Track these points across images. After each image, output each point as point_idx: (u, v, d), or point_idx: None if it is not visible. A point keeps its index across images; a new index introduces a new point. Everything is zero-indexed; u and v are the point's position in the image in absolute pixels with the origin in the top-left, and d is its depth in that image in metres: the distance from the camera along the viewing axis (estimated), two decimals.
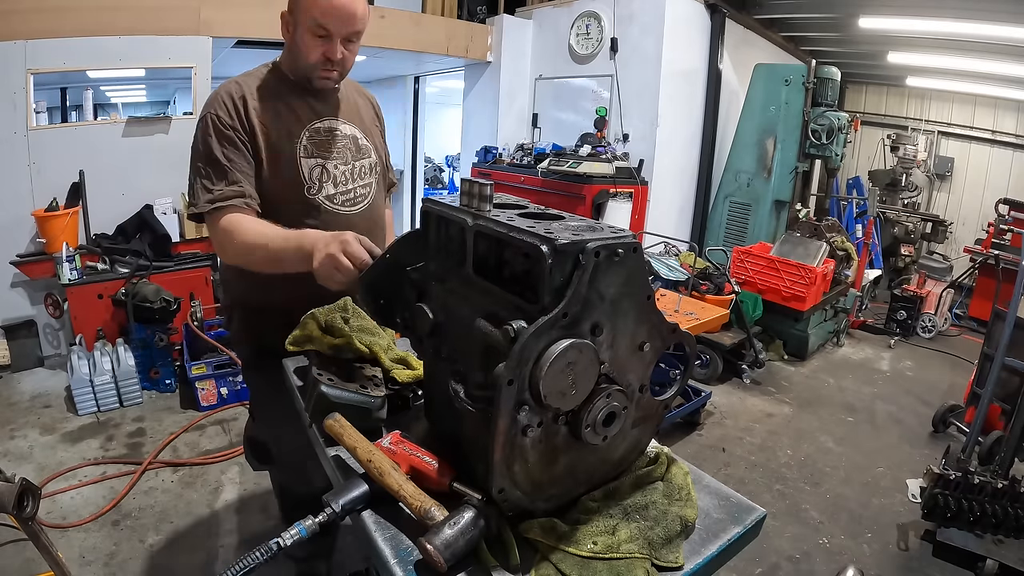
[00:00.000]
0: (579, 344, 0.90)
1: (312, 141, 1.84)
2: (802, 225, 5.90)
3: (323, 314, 1.55)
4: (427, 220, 1.23)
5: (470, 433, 1.07)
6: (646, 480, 1.15)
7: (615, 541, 1.00)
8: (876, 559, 3.03)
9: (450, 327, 1.14)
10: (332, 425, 1.20)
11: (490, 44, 7.12)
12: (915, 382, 5.37)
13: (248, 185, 1.73)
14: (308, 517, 1.04)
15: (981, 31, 5.67)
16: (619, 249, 0.93)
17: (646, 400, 1.08)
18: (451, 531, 0.93)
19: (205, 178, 1.72)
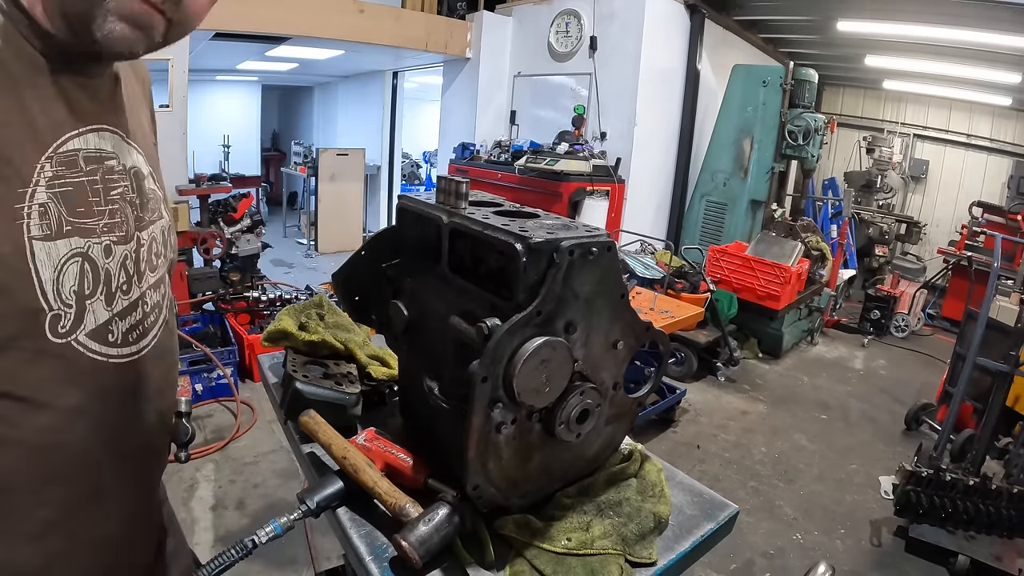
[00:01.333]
0: (553, 342, 0.90)
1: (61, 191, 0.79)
2: (777, 225, 5.96)
3: (298, 311, 1.54)
4: (403, 217, 1.22)
5: (445, 430, 1.07)
6: (620, 477, 1.16)
7: (589, 537, 1.01)
8: (849, 555, 3.07)
9: (425, 324, 1.14)
10: (307, 422, 1.20)
11: (469, 40, 7.12)
12: (888, 381, 5.45)
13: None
14: (283, 514, 1.03)
15: (957, 36, 5.76)
16: (593, 248, 0.93)
17: (620, 398, 1.09)
18: (426, 528, 0.92)
19: None
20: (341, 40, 6.03)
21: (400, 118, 9.11)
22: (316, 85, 11.79)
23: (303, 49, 7.16)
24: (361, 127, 9.68)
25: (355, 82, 9.96)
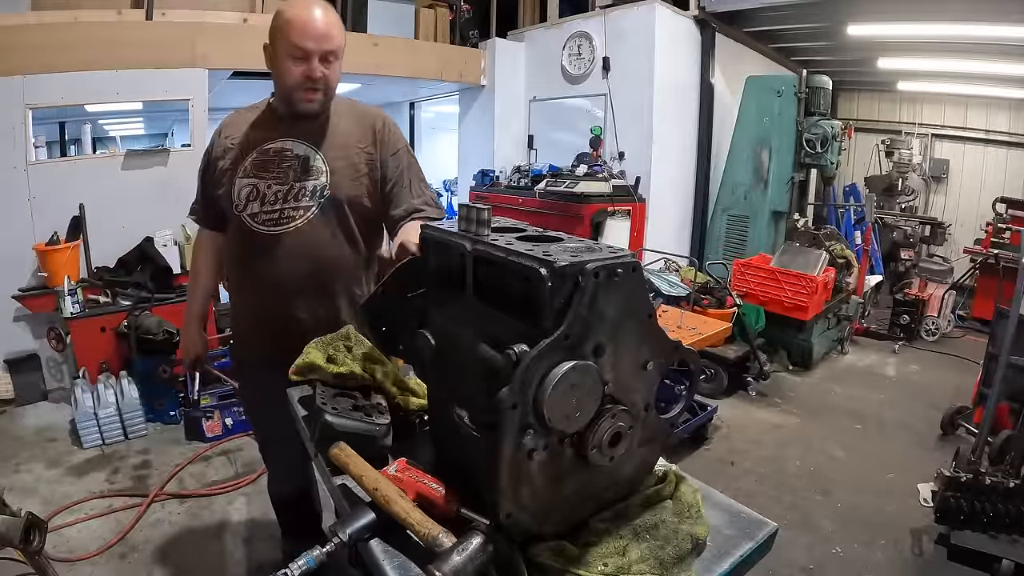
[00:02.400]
0: (582, 366, 0.90)
1: (255, 162, 1.91)
2: (801, 235, 5.91)
3: (326, 343, 1.55)
4: (426, 246, 1.23)
5: (476, 458, 1.07)
6: (655, 499, 1.14)
7: (626, 562, 1.00)
8: (891, 566, 3.01)
9: (452, 353, 1.14)
10: (338, 454, 1.20)
11: (483, 68, 7.18)
12: (921, 386, 5.35)
13: (200, 204, 2.14)
14: (316, 547, 1.03)
15: (968, 32, 5.72)
16: (618, 269, 0.93)
17: (652, 419, 1.08)
18: (459, 557, 0.92)
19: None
20: (357, 74, 6.12)
21: (419, 148, 9.18)
22: None
23: None
24: None
25: None
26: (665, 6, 6.06)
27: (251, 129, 1.96)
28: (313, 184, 1.89)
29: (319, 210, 1.90)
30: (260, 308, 2.02)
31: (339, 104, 2.01)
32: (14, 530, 1.69)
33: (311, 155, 1.91)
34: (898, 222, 8.31)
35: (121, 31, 4.62)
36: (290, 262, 1.90)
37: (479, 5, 7.49)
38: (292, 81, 1.82)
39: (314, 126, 1.93)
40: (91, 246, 4.55)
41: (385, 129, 2.01)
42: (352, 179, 1.93)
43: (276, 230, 1.89)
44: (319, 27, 1.78)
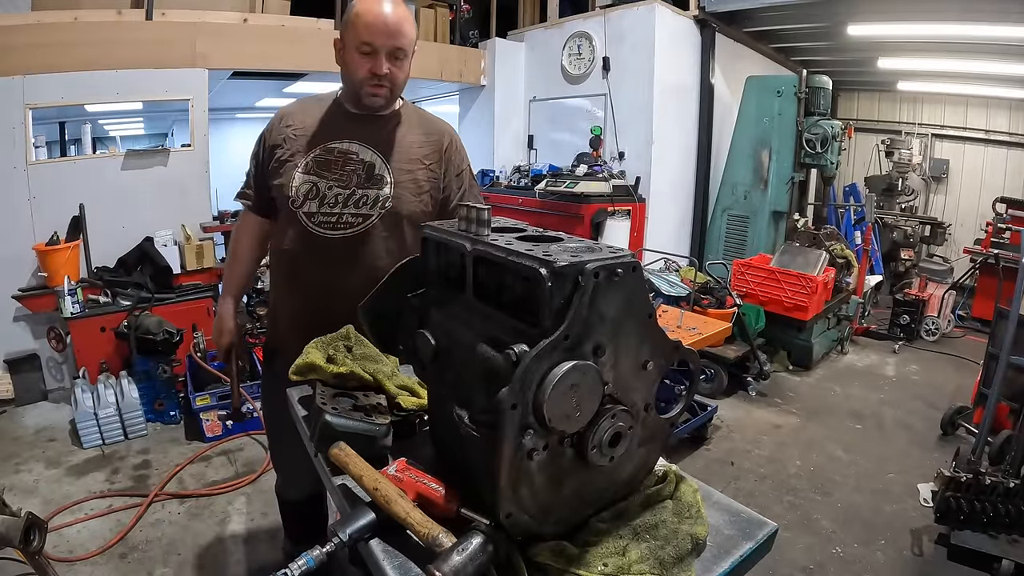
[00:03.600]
0: (582, 366, 0.90)
1: (318, 159, 1.88)
2: (801, 235, 5.91)
3: (326, 343, 1.55)
4: (426, 246, 1.23)
5: (476, 458, 1.07)
6: (655, 499, 1.14)
7: (626, 562, 1.00)
8: (891, 566, 3.01)
9: (452, 353, 1.14)
10: (337, 454, 1.20)
11: (483, 68, 7.18)
12: (921, 386, 5.35)
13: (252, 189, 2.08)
14: (315, 547, 1.03)
15: (968, 32, 5.71)
16: (618, 269, 0.93)
17: (652, 419, 1.08)
18: (460, 557, 0.92)
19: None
20: None
21: None
22: None
23: (320, 84, 7.25)
24: None
25: None
26: (665, 6, 6.06)
27: (316, 123, 1.94)
28: (376, 194, 1.88)
29: (378, 220, 1.88)
30: (304, 309, 2.00)
31: (409, 112, 2.01)
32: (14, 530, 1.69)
33: (377, 163, 1.89)
34: (898, 222, 8.30)
35: (121, 31, 4.62)
36: (342, 268, 1.89)
37: (479, 5, 7.49)
38: (359, 75, 1.83)
39: (383, 133, 1.92)
40: (91, 246, 4.55)
41: (452, 147, 2.01)
42: (414, 195, 1.93)
43: (333, 234, 1.87)
44: (389, 22, 1.78)
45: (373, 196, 1.87)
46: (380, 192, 1.87)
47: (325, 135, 1.90)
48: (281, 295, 2.09)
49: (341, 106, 1.96)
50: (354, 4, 1.81)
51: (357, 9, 1.79)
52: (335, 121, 1.93)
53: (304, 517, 2.45)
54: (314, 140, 1.90)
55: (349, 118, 1.93)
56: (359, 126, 1.91)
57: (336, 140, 1.89)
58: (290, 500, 2.41)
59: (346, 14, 1.83)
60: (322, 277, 1.90)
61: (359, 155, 1.89)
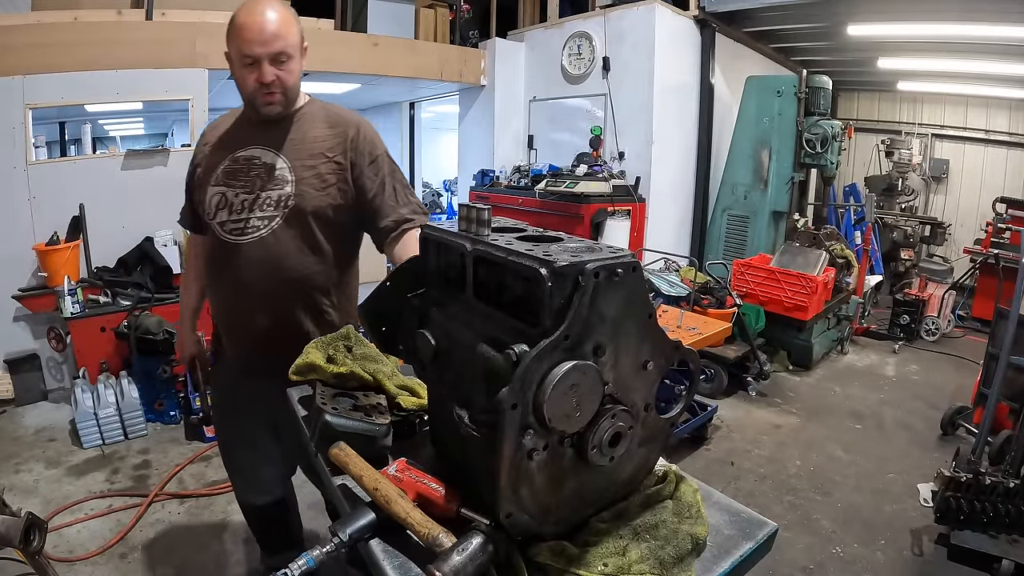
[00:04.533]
0: (582, 366, 0.89)
1: (226, 169, 1.89)
2: (801, 235, 5.91)
3: (326, 343, 1.55)
4: (426, 246, 1.23)
5: (476, 458, 1.07)
6: (655, 499, 1.14)
7: (626, 562, 1.00)
8: (891, 566, 3.01)
9: (452, 353, 1.14)
10: (337, 454, 1.20)
11: (483, 68, 7.18)
12: (922, 386, 5.36)
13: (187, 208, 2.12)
14: (316, 547, 1.03)
15: (968, 32, 5.72)
16: (618, 269, 0.93)
17: (652, 419, 1.08)
18: (460, 557, 0.92)
19: None
20: (357, 74, 6.13)
21: (419, 148, 9.19)
22: None
23: (320, 84, 7.26)
24: None
25: (373, 114, 10.08)
26: (665, 6, 6.06)
27: (226, 136, 1.96)
28: (278, 194, 1.86)
29: (283, 220, 1.86)
30: (225, 316, 2.05)
31: (314, 108, 1.98)
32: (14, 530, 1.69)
33: (278, 163, 1.88)
34: (898, 222, 8.31)
35: (121, 31, 4.62)
36: (252, 272, 1.87)
37: (479, 5, 7.50)
38: (249, 88, 1.81)
39: (282, 132, 1.91)
40: (91, 246, 4.56)
41: (360, 137, 1.95)
42: (318, 189, 1.89)
43: (242, 239, 1.86)
44: (266, 29, 1.73)
45: (275, 196, 1.86)
46: (282, 192, 1.86)
47: (233, 145, 1.92)
48: (212, 305, 2.12)
49: (246, 115, 1.96)
50: (233, 17, 1.77)
51: (235, 22, 1.75)
52: (241, 130, 1.95)
53: (271, 524, 2.43)
54: (224, 152, 1.92)
55: (253, 124, 1.92)
56: (262, 131, 1.90)
57: (242, 148, 1.90)
58: (252, 505, 2.39)
59: (228, 28, 1.79)
60: (236, 283, 1.90)
61: (261, 159, 1.88)
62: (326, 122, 1.95)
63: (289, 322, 1.94)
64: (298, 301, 1.94)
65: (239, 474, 2.36)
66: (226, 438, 2.33)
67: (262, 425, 2.12)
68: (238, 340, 2.02)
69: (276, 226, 1.86)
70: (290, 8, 1.83)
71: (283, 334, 1.90)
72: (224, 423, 2.30)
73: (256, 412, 2.08)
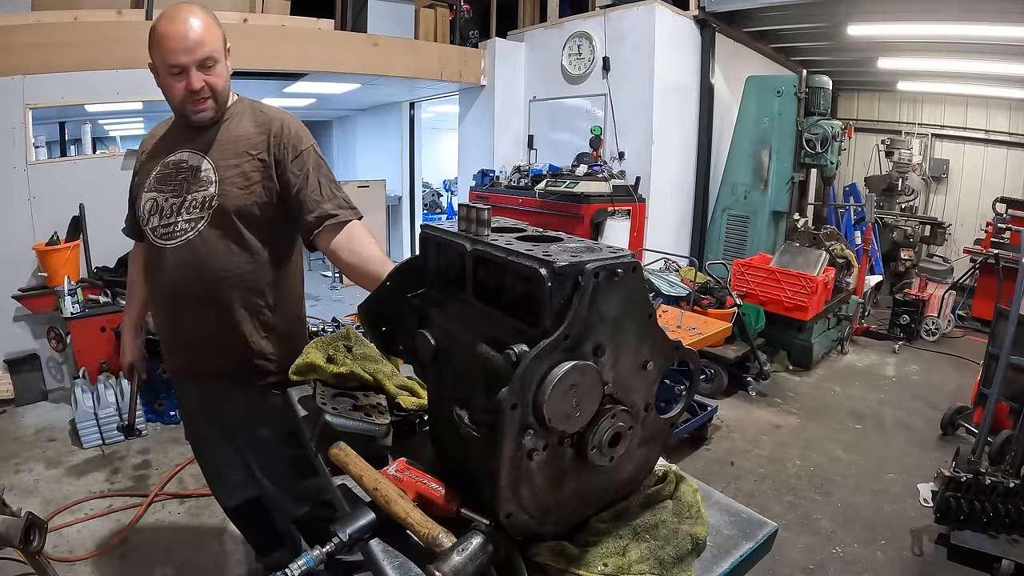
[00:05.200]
0: (582, 366, 0.90)
1: (157, 175, 1.89)
2: (801, 235, 5.90)
3: (326, 343, 1.55)
4: (426, 246, 1.23)
5: (476, 458, 1.07)
6: (655, 499, 1.14)
7: (626, 562, 1.00)
8: (891, 566, 3.00)
9: (452, 353, 1.14)
10: (337, 454, 1.20)
11: (483, 68, 7.18)
12: (921, 386, 5.35)
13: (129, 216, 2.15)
14: (315, 547, 1.04)
15: (968, 32, 5.72)
16: (618, 269, 0.93)
17: (652, 419, 1.08)
18: (460, 557, 0.92)
19: None
20: (357, 74, 6.12)
21: (419, 148, 9.18)
22: (334, 119, 11.94)
23: (320, 84, 7.27)
24: (380, 159, 9.79)
25: (373, 114, 10.08)
26: (665, 6, 6.06)
27: (159, 142, 1.97)
28: (203, 195, 1.84)
29: (208, 221, 1.84)
30: (164, 321, 2.03)
31: (240, 107, 1.95)
32: (14, 530, 1.69)
33: (203, 165, 1.86)
34: (898, 222, 8.30)
35: (121, 31, 4.61)
36: (182, 275, 1.86)
37: (479, 5, 7.49)
38: (177, 97, 1.79)
39: (209, 135, 1.89)
40: (91, 246, 4.55)
41: (284, 132, 1.91)
42: (241, 188, 1.85)
43: (171, 243, 1.85)
44: (189, 38, 1.71)
45: (200, 198, 1.84)
46: (206, 192, 1.84)
47: (165, 151, 1.91)
48: (154, 312, 2.11)
49: (177, 120, 1.95)
50: (153, 27, 1.74)
51: (156, 32, 1.72)
52: (172, 135, 1.95)
53: (251, 524, 2.46)
54: (156, 158, 1.92)
55: (183, 128, 1.91)
56: (191, 134, 1.89)
57: (173, 153, 1.89)
58: (228, 508, 2.42)
59: (149, 37, 1.75)
60: (169, 287, 1.90)
61: (188, 161, 1.87)
62: (253, 120, 1.93)
63: (224, 323, 1.92)
64: (231, 301, 1.91)
65: (210, 478, 2.39)
66: (192, 443, 2.36)
67: (216, 427, 2.14)
68: (177, 344, 2.02)
69: (202, 227, 1.84)
70: (210, 11, 1.80)
71: (219, 335, 1.92)
72: (187, 429, 2.34)
73: (208, 415, 2.12)
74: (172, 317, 1.97)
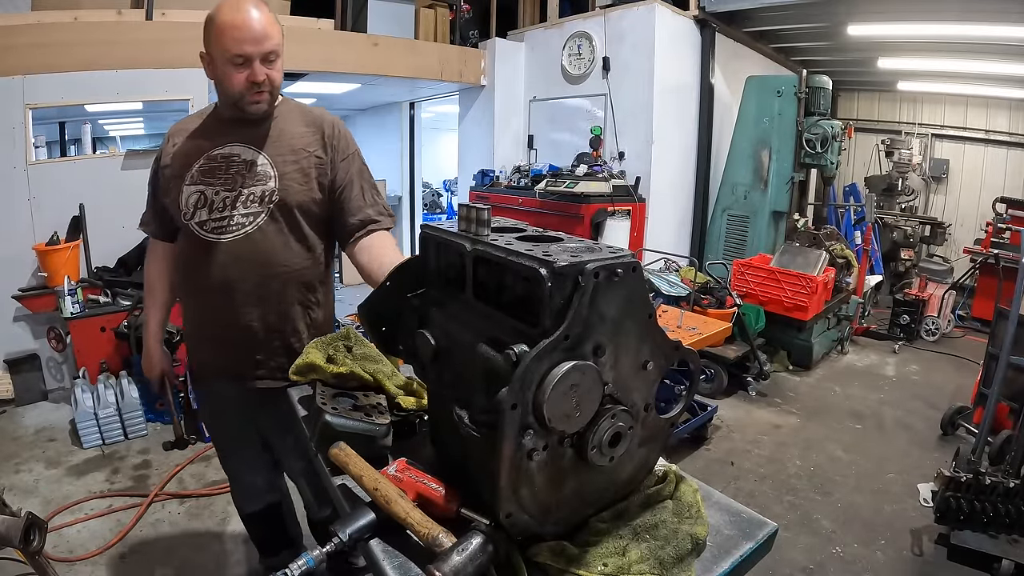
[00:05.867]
0: (582, 366, 0.89)
1: (202, 168, 1.85)
2: (801, 235, 5.90)
3: (326, 343, 1.55)
4: (426, 246, 1.23)
5: (476, 458, 1.07)
6: (655, 499, 1.14)
7: (626, 562, 1.00)
8: (891, 566, 3.01)
9: (452, 353, 1.14)
10: (337, 454, 1.20)
11: (483, 68, 7.18)
12: (921, 386, 5.36)
13: (150, 215, 2.07)
14: (315, 547, 1.04)
15: (968, 32, 5.72)
16: (618, 269, 0.93)
17: (652, 419, 1.08)
18: (460, 557, 0.92)
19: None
20: (357, 74, 6.12)
21: (419, 148, 9.18)
22: None
23: (320, 84, 7.26)
24: (380, 158, 9.78)
25: (373, 114, 10.07)
26: (665, 6, 6.06)
27: (198, 135, 1.92)
28: (261, 190, 1.84)
29: (268, 216, 1.85)
30: (210, 318, 1.97)
31: (287, 106, 1.97)
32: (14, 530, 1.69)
33: (259, 160, 1.86)
34: (898, 222, 8.30)
35: (121, 31, 4.62)
36: (239, 270, 1.86)
37: (479, 5, 7.49)
38: (237, 88, 1.77)
39: (261, 130, 1.89)
40: (91, 246, 4.55)
41: (335, 133, 1.96)
42: (301, 184, 1.88)
43: (225, 237, 1.84)
44: (256, 29, 1.71)
45: (259, 192, 1.84)
46: (265, 187, 1.84)
47: (208, 144, 1.88)
48: (190, 310, 2.07)
49: (219, 114, 1.93)
50: (214, 16, 1.73)
51: (219, 21, 1.71)
52: (215, 129, 1.91)
53: (268, 528, 2.44)
54: (198, 151, 1.88)
55: (228, 123, 1.89)
56: (239, 129, 1.87)
57: (219, 147, 1.87)
58: (248, 512, 2.39)
59: (207, 26, 1.75)
60: (222, 282, 1.87)
61: (241, 156, 1.85)
62: (302, 119, 1.95)
63: (278, 318, 1.93)
64: (286, 296, 1.92)
65: (233, 481, 2.36)
66: (219, 446, 2.33)
67: (251, 428, 2.12)
68: (223, 342, 1.97)
69: (262, 222, 1.85)
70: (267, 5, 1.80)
71: (271, 331, 1.92)
72: (215, 432, 2.31)
73: (245, 416, 2.09)
74: (220, 313, 1.92)
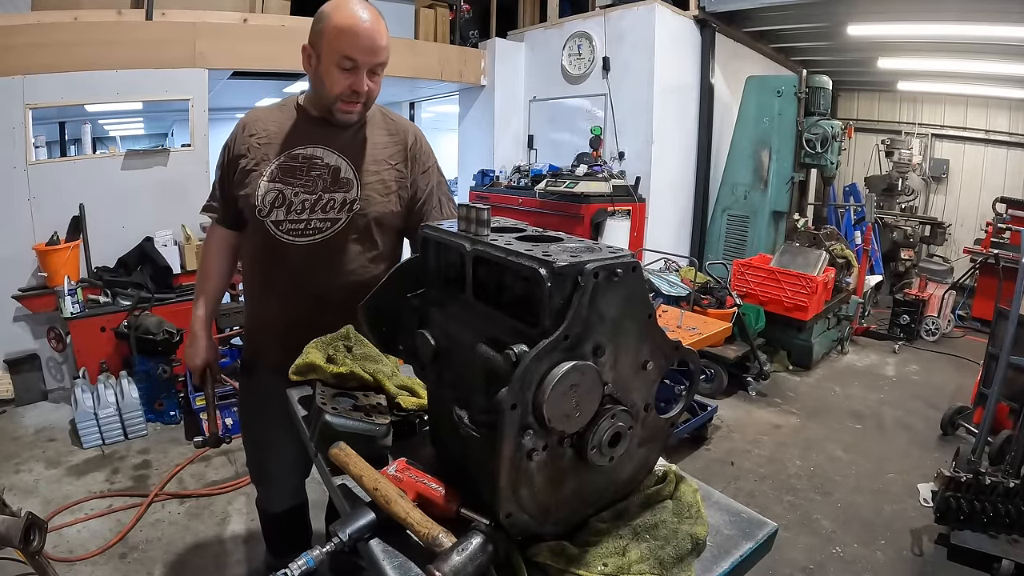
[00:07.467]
0: (581, 366, 0.90)
1: (283, 166, 1.84)
2: (801, 235, 5.90)
3: (326, 343, 1.55)
4: (426, 246, 1.23)
5: (476, 458, 1.07)
6: (655, 499, 1.14)
7: (626, 562, 1.00)
8: (891, 566, 3.00)
9: (452, 353, 1.14)
10: (337, 454, 1.20)
11: (483, 68, 7.18)
12: (921, 386, 5.35)
13: (218, 201, 2.02)
14: (315, 547, 1.04)
15: (968, 32, 5.72)
16: (618, 269, 0.93)
17: (652, 419, 1.08)
18: (459, 557, 0.92)
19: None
20: None
21: None
22: None
23: None
24: None
25: None
26: (665, 6, 6.06)
27: (280, 131, 1.89)
28: (343, 197, 1.84)
29: (347, 223, 1.84)
30: (279, 318, 1.94)
31: (372, 113, 1.95)
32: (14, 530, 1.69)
33: (343, 166, 1.85)
34: (898, 222, 8.30)
35: (121, 31, 4.61)
36: (315, 274, 1.86)
37: (479, 5, 7.49)
38: (336, 91, 1.75)
39: (346, 135, 1.87)
40: (91, 246, 4.55)
41: (417, 145, 1.97)
42: (382, 195, 1.88)
43: (302, 240, 1.83)
44: (374, 38, 1.70)
45: (340, 199, 1.84)
46: (347, 195, 1.84)
47: (289, 142, 1.86)
48: (255, 306, 2.06)
49: (304, 112, 1.91)
50: (331, 14, 1.70)
51: (336, 20, 1.68)
52: (299, 127, 1.89)
53: (287, 529, 2.43)
54: (278, 148, 1.86)
55: (313, 123, 1.88)
56: (323, 131, 1.86)
57: (300, 146, 1.85)
58: (273, 513, 2.37)
59: (320, 23, 1.72)
60: (294, 284, 1.88)
61: (324, 160, 1.84)
62: (385, 128, 1.95)
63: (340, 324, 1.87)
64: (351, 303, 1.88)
65: (266, 481, 2.32)
66: (257, 444, 2.26)
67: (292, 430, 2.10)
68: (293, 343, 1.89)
69: (340, 229, 1.84)
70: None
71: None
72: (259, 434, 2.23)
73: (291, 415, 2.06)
74: (284, 313, 1.92)
